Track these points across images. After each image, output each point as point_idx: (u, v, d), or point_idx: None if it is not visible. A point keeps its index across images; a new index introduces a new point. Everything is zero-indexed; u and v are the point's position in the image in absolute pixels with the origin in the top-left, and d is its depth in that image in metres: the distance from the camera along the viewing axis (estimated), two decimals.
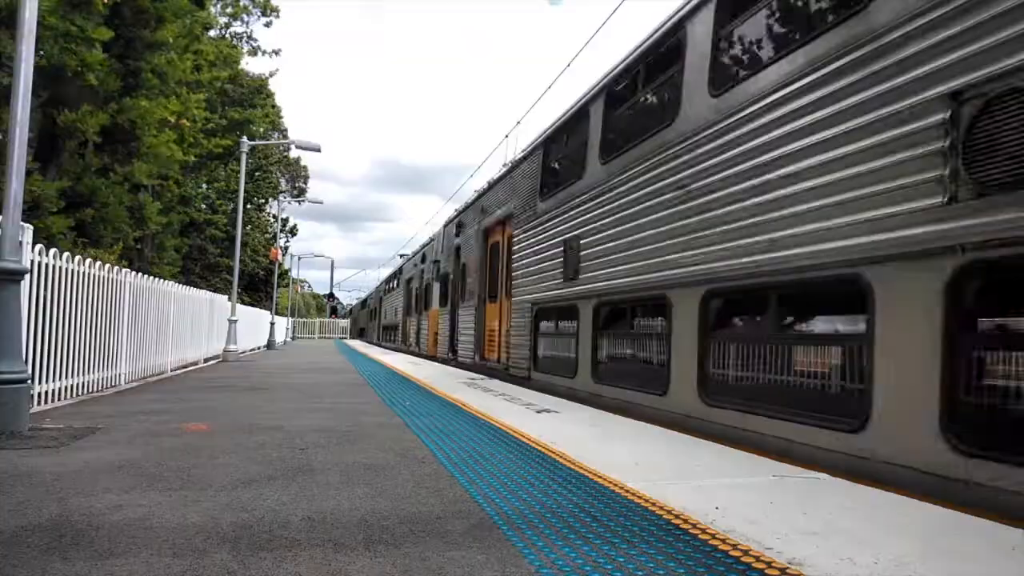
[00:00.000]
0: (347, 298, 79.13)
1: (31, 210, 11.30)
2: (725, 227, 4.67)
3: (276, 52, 30.39)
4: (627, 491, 2.76)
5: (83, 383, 6.18)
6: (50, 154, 13.33)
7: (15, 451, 3.43)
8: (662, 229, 5.52)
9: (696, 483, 2.93)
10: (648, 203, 5.79)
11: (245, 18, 28.17)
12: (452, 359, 12.93)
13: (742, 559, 1.96)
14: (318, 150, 17.73)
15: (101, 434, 4.00)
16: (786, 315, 4.46)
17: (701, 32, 5.29)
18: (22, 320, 4.40)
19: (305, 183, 43.89)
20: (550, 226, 8.05)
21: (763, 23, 4.76)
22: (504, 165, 10.95)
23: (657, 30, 6.04)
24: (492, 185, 11.23)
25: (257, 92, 30.82)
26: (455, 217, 13.97)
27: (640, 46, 6.36)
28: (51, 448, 3.52)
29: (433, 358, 14.54)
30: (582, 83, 7.55)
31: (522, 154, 9.57)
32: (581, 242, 7.05)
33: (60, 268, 5.56)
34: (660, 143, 5.66)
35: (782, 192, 4.13)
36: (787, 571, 1.87)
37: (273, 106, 32.92)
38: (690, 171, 5.18)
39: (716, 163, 4.85)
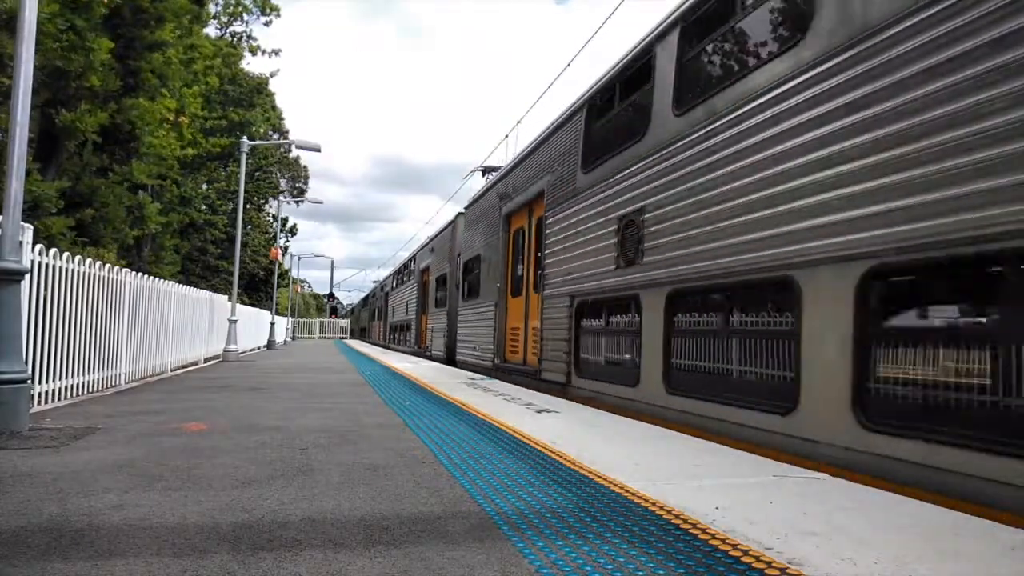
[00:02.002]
0: (347, 298, 79.38)
1: (31, 210, 11.30)
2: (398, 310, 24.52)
3: (276, 52, 30.40)
4: (627, 491, 2.76)
5: (83, 383, 6.17)
6: (50, 154, 13.32)
7: (15, 451, 3.43)
8: (409, 304, 21.88)
9: (696, 483, 2.93)
10: (403, 304, 23.48)
11: (245, 17, 28.14)
12: (379, 342, 30.25)
13: (742, 559, 1.96)
14: (318, 150, 17.70)
15: (101, 434, 4.00)
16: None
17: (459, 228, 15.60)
18: (22, 320, 4.40)
19: (305, 183, 43.89)
20: (392, 297, 26.80)
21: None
22: (390, 274, 28.57)
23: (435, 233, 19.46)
24: (389, 275, 27.48)
25: (257, 92, 30.81)
26: (384, 280, 31.02)
27: (419, 248, 21.66)
28: (51, 448, 3.52)
29: (383, 345, 28.49)
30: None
31: (392, 270, 27.08)
32: (392, 304, 26.76)
33: (60, 268, 5.55)
34: (409, 280, 22.69)
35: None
36: (787, 571, 1.86)
37: (273, 107, 32.92)
38: (402, 292, 23.90)
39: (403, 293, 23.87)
